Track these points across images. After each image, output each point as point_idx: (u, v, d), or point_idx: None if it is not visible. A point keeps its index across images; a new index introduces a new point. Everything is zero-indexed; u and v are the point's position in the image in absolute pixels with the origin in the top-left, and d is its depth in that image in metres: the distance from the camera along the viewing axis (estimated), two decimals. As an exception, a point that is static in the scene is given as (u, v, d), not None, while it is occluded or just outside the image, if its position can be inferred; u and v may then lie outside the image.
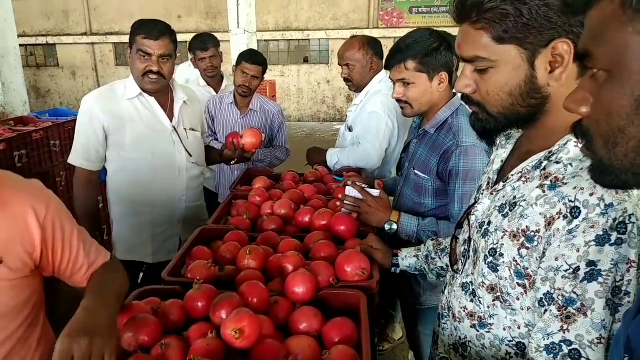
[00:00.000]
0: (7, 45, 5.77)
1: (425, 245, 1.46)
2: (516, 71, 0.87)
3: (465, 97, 0.97)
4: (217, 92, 3.28)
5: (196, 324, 1.13)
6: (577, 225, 0.79)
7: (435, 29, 1.67)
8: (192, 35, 3.35)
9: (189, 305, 1.18)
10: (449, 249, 1.19)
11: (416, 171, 1.71)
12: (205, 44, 3.17)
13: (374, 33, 12.37)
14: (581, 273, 0.78)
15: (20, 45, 6.46)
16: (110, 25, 14.21)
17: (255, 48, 6.49)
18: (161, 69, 1.94)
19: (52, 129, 3.62)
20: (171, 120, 2.10)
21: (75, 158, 2.05)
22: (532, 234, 0.86)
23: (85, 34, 14.34)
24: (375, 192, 1.73)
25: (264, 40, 13.10)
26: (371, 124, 2.40)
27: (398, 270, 1.50)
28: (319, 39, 13.37)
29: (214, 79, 3.33)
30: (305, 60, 13.66)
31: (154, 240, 2.16)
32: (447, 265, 1.23)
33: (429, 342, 1.58)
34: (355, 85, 2.54)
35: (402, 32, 12.79)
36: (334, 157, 2.50)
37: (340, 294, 1.26)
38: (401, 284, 1.89)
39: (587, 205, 0.78)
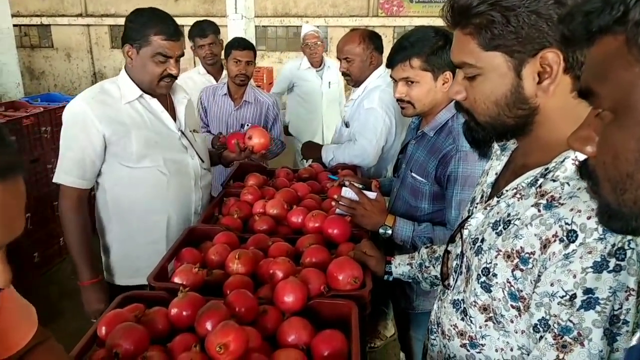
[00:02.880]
0: (0, 25, 5.68)
1: (419, 253, 1.42)
2: (502, 80, 0.84)
3: (456, 104, 0.95)
4: (217, 81, 3.22)
5: (180, 335, 1.09)
6: (573, 250, 0.75)
7: (438, 27, 1.61)
8: (189, 18, 3.28)
9: (174, 314, 1.13)
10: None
11: (413, 174, 1.66)
12: (204, 31, 3.11)
13: (374, 21, 12.26)
14: (578, 301, 0.74)
15: (14, 26, 6.36)
16: (105, 7, 14.00)
17: (253, 34, 6.40)
18: (177, 71, 1.72)
19: (43, 114, 3.56)
20: (175, 123, 1.86)
21: (65, 176, 1.67)
22: (527, 255, 0.82)
23: (80, 15, 14.14)
24: (371, 195, 1.68)
25: (262, 26, 12.94)
26: (368, 120, 2.35)
27: (391, 278, 1.46)
28: (318, 26, 13.23)
29: (214, 67, 3.27)
30: (304, 47, 13.53)
31: None
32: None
33: (420, 346, 1.55)
34: (354, 80, 2.48)
35: (401, 21, 12.71)
36: (330, 153, 2.45)
37: (331, 303, 1.22)
38: (394, 288, 1.85)
39: (585, 229, 0.74)
